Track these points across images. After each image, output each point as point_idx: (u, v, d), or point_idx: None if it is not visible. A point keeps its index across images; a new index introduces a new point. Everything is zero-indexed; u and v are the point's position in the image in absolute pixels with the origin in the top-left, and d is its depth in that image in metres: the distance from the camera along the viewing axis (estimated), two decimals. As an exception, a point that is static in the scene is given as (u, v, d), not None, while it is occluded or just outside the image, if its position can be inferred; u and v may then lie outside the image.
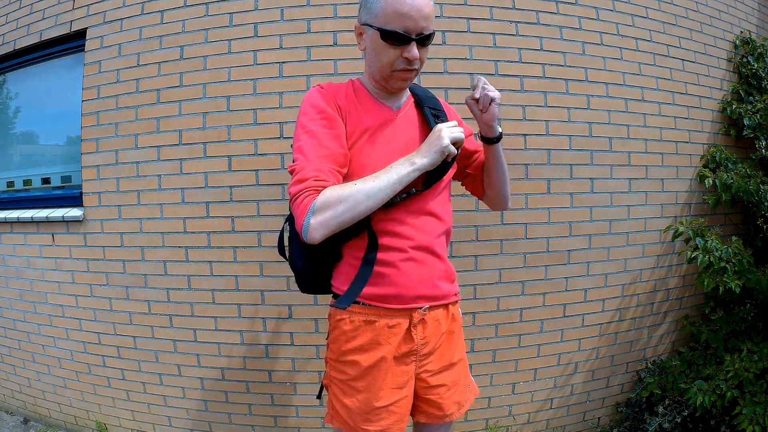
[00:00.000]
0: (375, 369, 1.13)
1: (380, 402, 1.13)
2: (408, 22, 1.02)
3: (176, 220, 2.08)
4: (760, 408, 1.91)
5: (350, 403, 1.15)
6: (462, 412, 1.25)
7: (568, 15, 2.09)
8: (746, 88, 2.48)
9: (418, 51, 1.05)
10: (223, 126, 2.02)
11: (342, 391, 1.17)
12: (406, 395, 1.17)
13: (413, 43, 1.04)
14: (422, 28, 1.03)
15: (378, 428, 1.14)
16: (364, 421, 1.14)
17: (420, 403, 1.22)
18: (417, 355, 1.16)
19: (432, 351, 1.18)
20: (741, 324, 2.18)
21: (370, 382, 1.13)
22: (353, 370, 1.15)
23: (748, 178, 2.17)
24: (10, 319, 2.49)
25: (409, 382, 1.17)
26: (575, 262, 2.14)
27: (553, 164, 2.08)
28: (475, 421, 2.15)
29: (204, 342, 2.12)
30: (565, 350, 2.19)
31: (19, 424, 2.55)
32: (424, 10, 1.02)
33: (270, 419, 2.12)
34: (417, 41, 1.04)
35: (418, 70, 1.11)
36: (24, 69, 2.54)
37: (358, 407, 1.14)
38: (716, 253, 2.00)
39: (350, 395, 1.15)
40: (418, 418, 1.26)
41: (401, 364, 1.15)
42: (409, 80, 1.12)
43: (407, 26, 1.02)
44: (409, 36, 1.03)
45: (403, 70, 1.08)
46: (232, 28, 2.01)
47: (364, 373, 1.14)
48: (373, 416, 1.14)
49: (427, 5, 1.03)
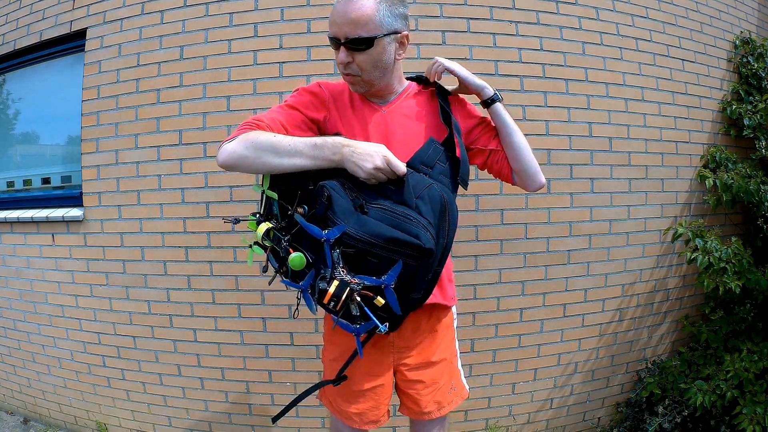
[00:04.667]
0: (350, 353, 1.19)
1: (356, 386, 1.23)
2: (333, 27, 1.07)
3: (176, 220, 2.08)
4: (760, 408, 1.91)
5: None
6: (443, 413, 1.29)
7: (568, 15, 2.09)
8: (746, 88, 2.48)
9: (352, 55, 1.07)
10: (223, 126, 2.02)
11: (328, 370, 1.29)
12: (382, 383, 1.24)
13: (341, 48, 1.07)
14: (345, 33, 1.04)
15: (355, 410, 1.24)
16: (344, 401, 1.25)
17: (401, 396, 1.30)
18: (393, 346, 1.23)
19: (409, 346, 1.24)
20: (741, 324, 2.18)
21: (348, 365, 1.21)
22: (334, 351, 1.26)
23: (748, 178, 2.17)
24: (10, 319, 2.49)
25: (387, 373, 1.24)
26: (575, 262, 2.14)
27: (553, 164, 2.08)
28: (475, 421, 2.15)
29: (204, 342, 2.12)
30: (565, 350, 2.19)
31: (19, 424, 2.55)
32: (349, 15, 1.03)
33: (270, 419, 2.12)
34: (345, 45, 1.06)
35: (359, 75, 1.10)
36: (24, 69, 2.54)
37: (338, 387, 1.23)
38: (716, 254, 2.00)
39: (332, 375, 1.24)
40: (401, 410, 1.34)
41: (378, 353, 1.22)
42: (354, 84, 1.14)
43: (333, 32, 1.07)
44: (336, 40, 1.07)
45: (343, 74, 1.12)
46: (232, 28, 2.01)
47: (342, 355, 1.22)
48: (351, 398, 1.24)
49: (355, 10, 1.03)
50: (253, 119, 1.08)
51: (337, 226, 0.93)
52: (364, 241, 0.94)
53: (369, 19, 1.03)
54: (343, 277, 0.93)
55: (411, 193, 1.00)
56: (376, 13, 1.04)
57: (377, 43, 1.06)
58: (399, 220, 0.97)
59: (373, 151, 1.00)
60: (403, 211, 0.98)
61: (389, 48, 1.10)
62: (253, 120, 1.08)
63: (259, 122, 1.07)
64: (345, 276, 0.93)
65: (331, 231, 0.93)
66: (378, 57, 1.09)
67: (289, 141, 1.01)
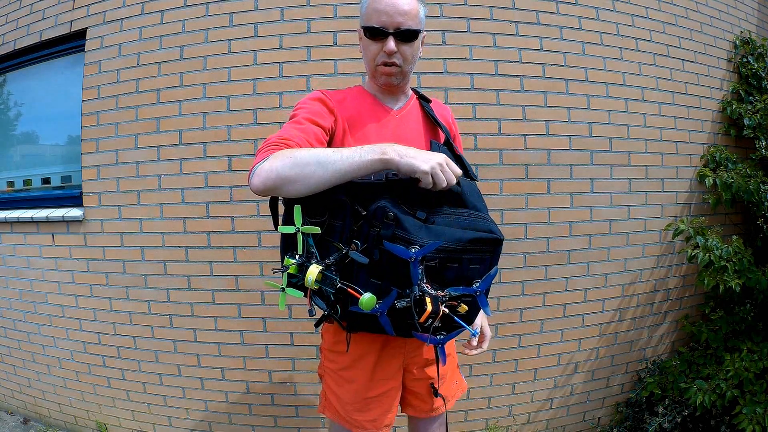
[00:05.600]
0: (364, 359, 1.18)
1: (370, 392, 1.19)
2: (383, 17, 1.08)
3: (176, 220, 2.08)
4: (760, 408, 1.91)
5: (342, 393, 1.21)
6: (448, 407, 1.30)
7: (568, 15, 2.09)
8: (746, 88, 2.48)
9: (398, 46, 1.10)
10: (223, 126, 2.02)
11: (334, 381, 1.22)
12: (394, 386, 1.22)
13: (390, 37, 1.09)
14: (398, 23, 1.08)
15: (368, 418, 1.20)
16: (355, 410, 1.20)
17: (408, 395, 1.28)
18: (404, 347, 1.21)
19: (419, 344, 1.22)
20: (741, 324, 2.18)
21: (360, 371, 1.18)
22: (344, 360, 1.20)
23: (748, 178, 2.17)
24: (10, 319, 2.49)
25: (398, 374, 1.22)
26: (575, 262, 2.14)
27: (553, 164, 2.08)
28: (475, 421, 2.15)
29: (204, 342, 2.12)
30: (565, 350, 2.19)
31: (19, 424, 2.55)
32: (401, 6, 1.07)
33: (270, 419, 2.12)
34: (395, 35, 1.09)
35: (401, 66, 1.13)
36: (24, 69, 2.54)
37: (350, 397, 1.19)
38: (716, 252, 2.00)
39: (342, 385, 1.21)
40: (406, 410, 1.32)
41: (389, 356, 1.19)
42: (393, 75, 1.15)
43: (383, 21, 1.08)
44: (386, 30, 1.09)
45: (383, 64, 1.13)
46: (232, 28, 2.01)
47: (354, 363, 1.19)
48: (364, 406, 1.19)
49: (407, 3, 1.08)
50: (279, 139, 0.98)
51: (428, 245, 0.90)
52: (449, 250, 0.93)
53: (417, 12, 1.11)
54: (431, 292, 0.91)
55: (466, 192, 1.01)
56: (419, 9, 1.12)
57: (419, 37, 1.13)
58: (469, 220, 0.98)
59: (427, 154, 0.94)
60: (468, 212, 0.99)
61: (420, 45, 1.17)
62: (278, 140, 0.98)
63: (287, 141, 0.98)
64: (432, 291, 0.91)
65: (419, 250, 0.90)
66: (416, 51, 1.15)
67: (331, 150, 0.94)
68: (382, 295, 0.93)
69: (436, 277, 0.94)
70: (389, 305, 0.92)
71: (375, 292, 0.93)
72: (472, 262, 0.95)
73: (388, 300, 0.92)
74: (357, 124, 1.14)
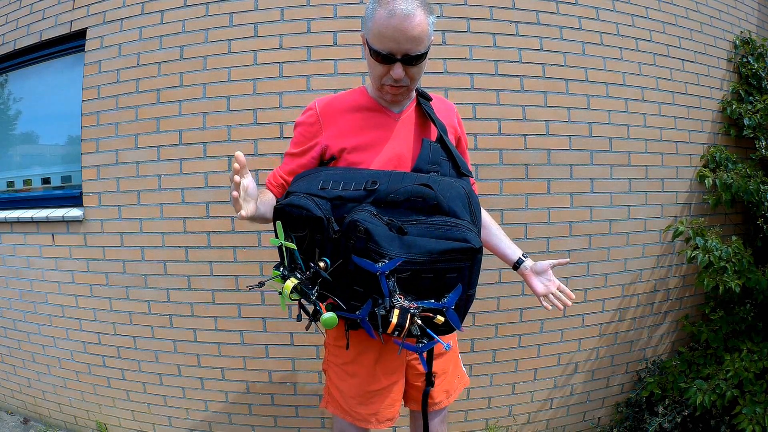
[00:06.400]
0: (366, 354, 1.19)
1: (372, 386, 1.21)
2: (391, 44, 1.02)
3: (176, 220, 2.08)
4: (760, 408, 1.91)
5: (345, 387, 1.22)
6: (450, 401, 1.32)
7: (568, 15, 2.09)
8: (746, 88, 2.48)
9: (406, 70, 1.07)
10: (223, 126, 2.02)
11: (337, 375, 1.24)
12: (397, 380, 1.23)
13: (397, 64, 1.05)
14: (407, 50, 1.03)
15: (370, 411, 1.21)
16: (358, 404, 1.22)
17: (411, 389, 1.29)
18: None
19: None
20: (741, 324, 2.18)
21: (363, 365, 1.20)
22: (346, 354, 1.21)
23: (748, 178, 2.17)
24: (10, 319, 2.49)
25: (401, 368, 1.24)
26: (575, 262, 2.14)
27: (553, 164, 2.08)
28: (475, 421, 2.15)
29: (204, 342, 2.12)
30: (565, 350, 2.19)
31: (19, 424, 2.55)
32: (410, 32, 1.00)
33: (270, 419, 2.12)
34: (402, 61, 1.05)
35: (408, 86, 1.12)
36: (24, 69, 2.54)
37: (353, 390, 1.21)
38: (716, 253, 2.00)
39: (344, 379, 1.22)
40: (409, 405, 1.32)
41: (391, 351, 1.20)
42: (399, 95, 1.14)
43: (391, 48, 1.03)
44: (393, 57, 1.04)
45: (390, 86, 1.11)
46: (232, 28, 2.01)
47: (356, 358, 1.20)
48: (366, 399, 1.21)
49: (415, 27, 1.00)
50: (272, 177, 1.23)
51: (393, 260, 0.92)
52: (420, 262, 0.93)
53: (426, 34, 1.04)
54: (402, 304, 0.92)
55: (442, 199, 1.00)
56: (428, 27, 1.05)
57: (427, 56, 1.09)
58: (442, 230, 0.96)
59: None
60: (442, 220, 0.98)
61: (427, 59, 1.12)
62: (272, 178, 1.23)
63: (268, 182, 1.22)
64: (404, 303, 0.93)
65: (385, 264, 0.91)
66: (424, 67, 1.11)
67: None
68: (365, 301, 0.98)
69: (411, 287, 0.95)
70: (368, 312, 0.97)
71: (360, 299, 0.99)
72: (449, 271, 0.95)
73: (366, 308, 0.97)
74: (353, 132, 1.15)
